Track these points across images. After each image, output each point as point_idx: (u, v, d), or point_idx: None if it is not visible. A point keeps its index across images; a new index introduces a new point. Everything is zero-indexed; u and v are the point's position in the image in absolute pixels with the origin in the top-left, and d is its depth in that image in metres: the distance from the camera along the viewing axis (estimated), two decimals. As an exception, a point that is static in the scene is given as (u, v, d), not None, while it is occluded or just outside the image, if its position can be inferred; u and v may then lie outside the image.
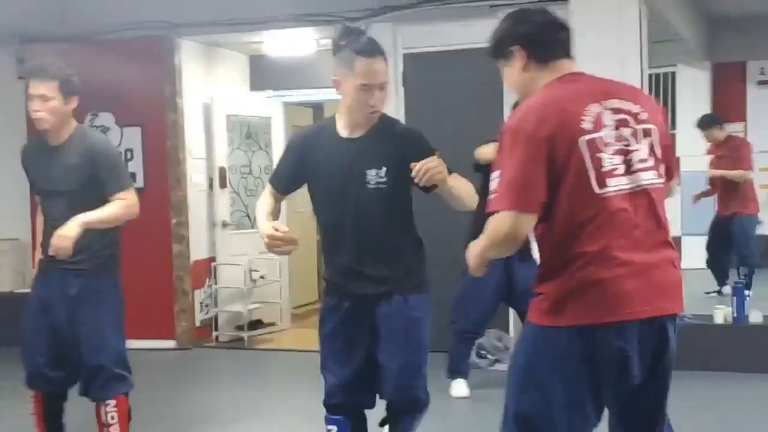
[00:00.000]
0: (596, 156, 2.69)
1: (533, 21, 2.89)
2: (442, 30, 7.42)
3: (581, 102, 2.74)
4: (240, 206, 8.58)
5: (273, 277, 8.61)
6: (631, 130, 2.76)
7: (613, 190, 2.69)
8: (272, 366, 7.65)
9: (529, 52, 2.86)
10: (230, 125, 8.48)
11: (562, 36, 2.89)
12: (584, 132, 2.69)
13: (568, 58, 2.88)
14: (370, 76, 3.51)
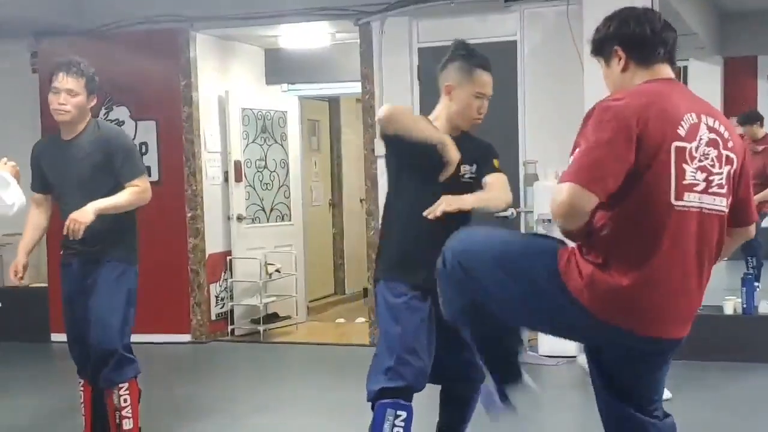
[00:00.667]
0: (681, 166, 2.63)
1: (637, 21, 2.81)
2: (458, 24, 7.42)
3: (681, 107, 2.68)
4: (255, 200, 8.62)
5: (289, 270, 8.64)
6: (717, 153, 2.70)
7: (688, 205, 2.64)
8: (288, 359, 7.68)
9: (629, 54, 2.81)
10: (245, 119, 8.51)
11: (665, 38, 2.81)
12: (678, 137, 2.63)
13: (668, 63, 2.82)
14: (485, 87, 3.86)
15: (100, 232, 4.26)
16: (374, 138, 7.63)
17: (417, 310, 3.72)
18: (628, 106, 2.62)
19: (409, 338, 3.69)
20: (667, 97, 2.70)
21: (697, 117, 2.68)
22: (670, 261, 2.64)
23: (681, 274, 2.67)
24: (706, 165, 2.66)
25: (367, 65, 7.64)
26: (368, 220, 7.77)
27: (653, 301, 2.65)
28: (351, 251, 10.46)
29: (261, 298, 8.26)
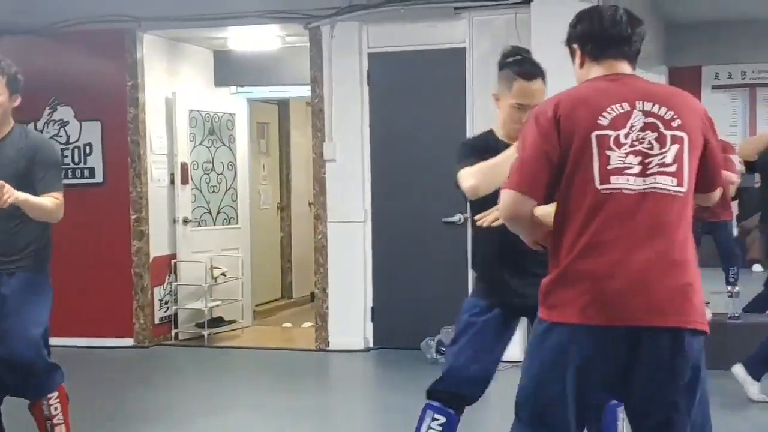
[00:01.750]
0: (605, 152, 2.72)
1: (592, 20, 2.93)
2: (408, 30, 7.46)
3: (608, 99, 2.78)
4: (202, 202, 8.54)
5: (235, 274, 8.58)
6: (657, 135, 2.75)
7: (615, 188, 2.71)
8: (233, 364, 7.62)
9: (583, 50, 2.94)
10: (193, 121, 8.43)
11: (620, 32, 2.90)
12: (598, 127, 2.74)
13: (624, 58, 2.90)
14: (525, 97, 3.71)
15: (22, 243, 4.17)
16: (323, 142, 7.62)
17: (472, 324, 3.84)
18: (547, 111, 2.78)
19: (456, 350, 3.86)
20: (595, 92, 2.81)
21: (630, 105, 2.76)
22: (608, 242, 2.69)
23: (625, 254, 2.68)
24: (641, 149, 2.73)
25: (316, 69, 7.62)
26: (316, 223, 7.75)
27: (602, 287, 2.67)
28: (299, 255, 10.42)
29: (206, 302, 8.18)
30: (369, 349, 7.62)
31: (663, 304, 2.67)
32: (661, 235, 2.70)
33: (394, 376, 6.96)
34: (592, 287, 2.67)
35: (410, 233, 7.56)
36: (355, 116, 7.55)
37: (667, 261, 2.69)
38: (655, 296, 2.66)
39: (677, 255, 2.71)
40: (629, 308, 2.65)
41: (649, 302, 2.66)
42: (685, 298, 2.70)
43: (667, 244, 2.70)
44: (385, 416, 5.90)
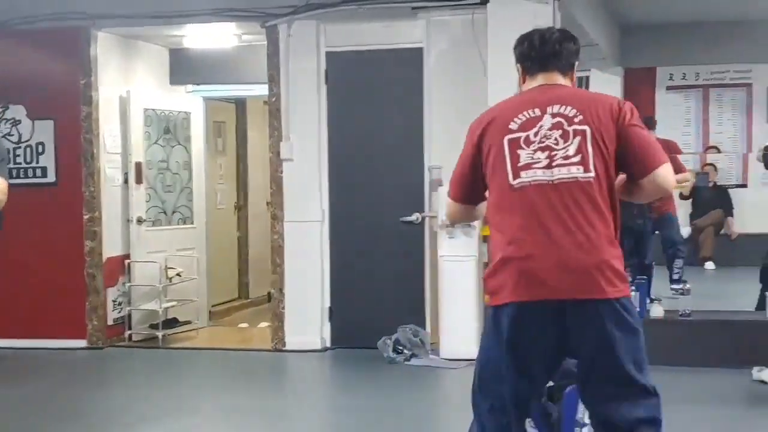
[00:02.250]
0: (516, 152, 3.13)
1: (526, 42, 3.30)
2: (365, 29, 7.45)
3: (521, 107, 3.19)
4: (157, 202, 8.46)
5: (190, 274, 8.51)
6: (561, 131, 3.12)
7: (526, 181, 3.09)
8: (187, 365, 7.55)
9: (522, 67, 3.33)
10: (148, 119, 8.34)
11: (547, 50, 3.26)
12: (509, 132, 3.15)
13: (556, 71, 3.27)
14: None
15: None
16: (280, 141, 7.58)
17: None
18: (473, 125, 3.27)
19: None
20: (512, 104, 3.27)
21: (541, 111, 3.15)
22: (527, 229, 3.06)
23: (543, 237, 3.04)
24: (548, 144, 3.11)
25: (273, 68, 7.58)
26: (273, 223, 7.71)
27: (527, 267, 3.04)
28: (256, 255, 10.36)
29: (161, 302, 8.09)
30: (326, 348, 7.60)
31: (580, 280, 3.01)
32: (574, 218, 3.04)
33: (351, 376, 6.95)
34: (518, 269, 3.05)
35: (368, 233, 7.55)
36: (312, 115, 7.52)
37: (580, 241, 3.02)
38: (573, 274, 3.01)
39: (590, 235, 3.03)
40: (551, 285, 3.01)
41: (568, 279, 3.01)
42: (599, 273, 3.02)
43: (580, 226, 3.04)
44: (342, 416, 5.89)
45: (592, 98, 3.21)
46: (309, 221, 7.56)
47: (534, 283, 3.02)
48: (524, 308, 3.04)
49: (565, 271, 3.00)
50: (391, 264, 7.49)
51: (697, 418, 5.34)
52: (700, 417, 5.37)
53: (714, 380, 6.23)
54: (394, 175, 7.49)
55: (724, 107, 11.68)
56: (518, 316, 3.05)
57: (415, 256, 7.40)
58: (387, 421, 5.50)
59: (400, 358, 7.04)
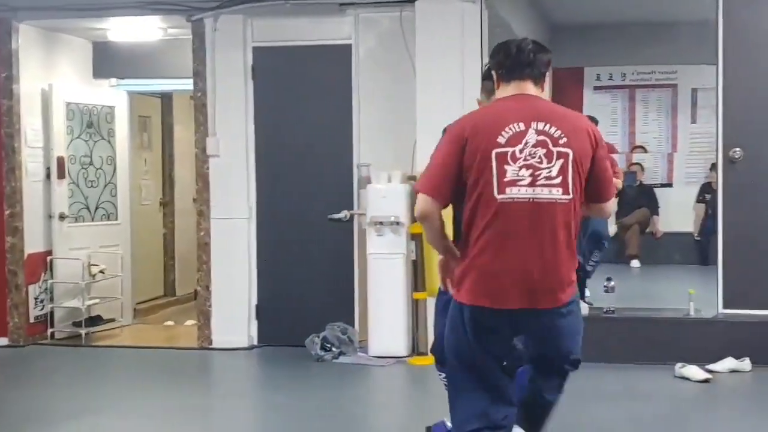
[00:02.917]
0: (503, 167, 3.28)
1: (503, 51, 3.53)
2: (293, 25, 7.41)
3: (507, 119, 3.34)
4: (80, 198, 8.30)
5: (114, 271, 8.37)
6: (546, 151, 3.30)
7: (510, 198, 3.27)
8: (111, 363, 7.45)
9: (497, 75, 3.54)
10: (70, 113, 8.18)
11: (523, 58, 3.47)
12: (497, 146, 3.29)
13: (529, 79, 3.47)
14: None
15: None
16: (206, 137, 7.49)
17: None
18: (459, 128, 3.38)
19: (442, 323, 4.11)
20: (497, 113, 3.40)
21: (525, 125, 3.31)
22: (502, 242, 3.27)
23: (515, 252, 3.27)
24: (533, 163, 3.29)
25: (199, 62, 7.49)
26: (199, 220, 7.62)
27: (492, 279, 3.29)
28: (182, 252, 10.23)
29: (83, 300, 7.96)
30: (253, 346, 7.54)
31: (538, 295, 3.29)
32: (545, 237, 3.27)
33: (278, 374, 6.90)
34: (484, 278, 3.29)
35: (295, 230, 7.51)
36: (239, 111, 7.45)
37: (546, 261, 3.28)
38: (534, 291, 3.29)
39: (556, 255, 3.30)
40: (511, 296, 3.28)
41: (528, 293, 3.28)
42: (556, 290, 3.33)
43: (548, 245, 3.28)
44: (270, 414, 5.86)
45: (571, 120, 3.42)
46: (236, 218, 7.49)
47: (495, 294, 3.30)
48: (484, 312, 3.32)
49: (525, 288, 3.28)
50: (320, 261, 7.46)
51: (620, 416, 5.42)
52: (624, 414, 5.45)
53: (638, 377, 6.32)
54: (323, 172, 7.45)
55: (650, 107, 11.85)
56: (477, 317, 3.34)
57: (344, 253, 7.37)
58: (315, 418, 5.48)
59: (328, 355, 7.01)
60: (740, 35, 6.79)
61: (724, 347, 6.53)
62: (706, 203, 10.40)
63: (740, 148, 6.78)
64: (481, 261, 3.30)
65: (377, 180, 7.02)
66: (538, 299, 3.31)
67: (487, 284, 3.30)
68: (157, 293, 10.21)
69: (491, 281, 3.29)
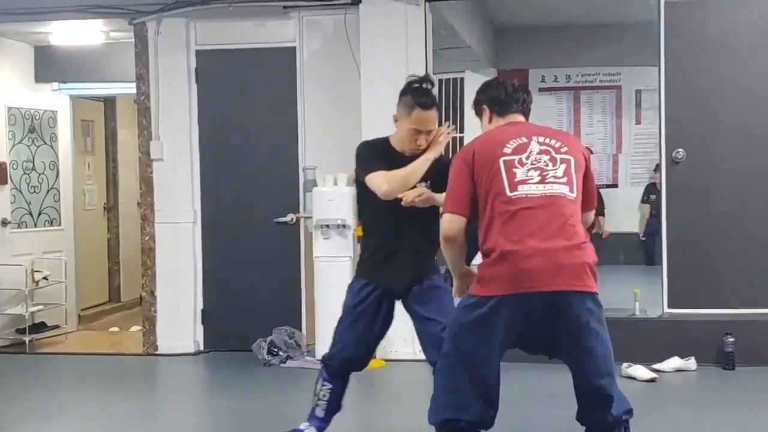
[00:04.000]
0: (512, 170, 3.60)
1: (499, 86, 3.93)
2: (237, 28, 7.38)
3: (510, 136, 3.70)
4: (22, 203, 8.20)
5: (58, 277, 8.28)
6: (550, 157, 3.64)
7: (523, 194, 3.55)
8: (56, 370, 7.35)
9: (491, 108, 3.92)
10: (12, 118, 8.09)
11: (518, 97, 3.90)
12: (504, 154, 3.63)
13: (519, 113, 3.90)
14: (421, 124, 4.39)
15: None
16: (149, 140, 7.43)
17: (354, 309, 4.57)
18: (465, 152, 3.71)
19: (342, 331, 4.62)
20: (500, 132, 3.77)
21: (527, 138, 3.67)
22: (523, 234, 3.49)
23: (539, 241, 3.47)
24: (540, 166, 3.61)
25: (142, 66, 7.43)
26: (143, 224, 7.55)
27: (520, 263, 3.47)
28: (127, 257, 10.13)
29: (27, 306, 7.87)
30: (200, 352, 7.49)
31: (568, 276, 3.48)
32: (562, 226, 3.53)
33: (225, 379, 6.86)
34: (514, 267, 3.46)
35: (241, 234, 7.47)
36: (182, 115, 7.41)
37: (568, 245, 3.50)
38: (563, 271, 3.47)
39: (575, 240, 3.53)
40: (542, 279, 3.46)
41: (559, 275, 3.47)
42: (582, 271, 3.52)
43: (567, 233, 3.52)
44: (217, 419, 5.81)
45: (566, 136, 3.89)
46: (180, 222, 7.45)
47: (528, 279, 3.46)
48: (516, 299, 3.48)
49: (556, 270, 3.46)
50: (266, 265, 7.43)
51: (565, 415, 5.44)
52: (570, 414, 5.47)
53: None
54: (268, 175, 7.43)
55: (595, 109, 11.95)
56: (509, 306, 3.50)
57: (290, 257, 7.36)
58: (262, 423, 5.46)
59: (275, 360, 6.99)
60: (682, 37, 6.89)
61: (669, 346, 6.61)
62: (651, 203, 10.50)
63: (683, 149, 6.88)
64: (507, 251, 3.48)
65: (323, 183, 7.01)
66: (568, 281, 3.48)
67: (517, 271, 3.47)
68: (102, 299, 10.11)
69: (522, 267, 3.46)
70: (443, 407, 3.66)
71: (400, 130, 4.44)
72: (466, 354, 3.59)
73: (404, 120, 4.39)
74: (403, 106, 4.40)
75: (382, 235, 4.52)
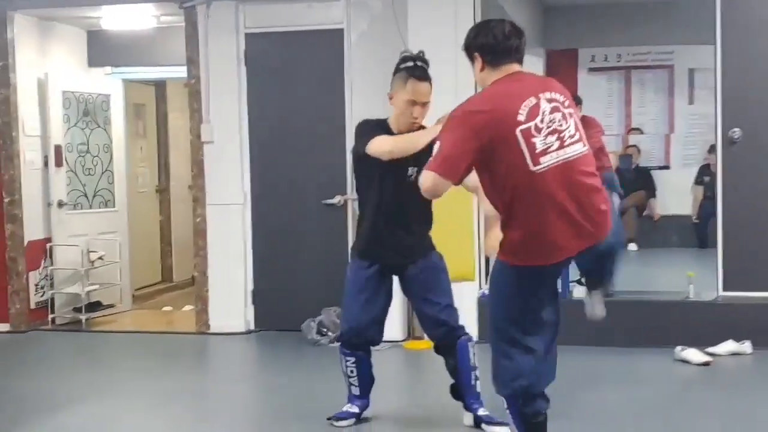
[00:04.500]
0: (531, 141, 3.47)
1: (490, 33, 3.69)
2: (285, 10, 7.42)
3: (519, 97, 3.53)
4: (77, 185, 8.35)
5: (112, 258, 8.43)
6: (561, 114, 3.56)
7: (545, 167, 3.48)
8: (111, 348, 7.50)
9: (484, 58, 3.69)
10: (66, 102, 8.23)
11: (511, 44, 3.68)
12: (519, 123, 3.48)
13: (515, 62, 3.69)
14: (416, 95, 4.52)
15: None
16: (200, 123, 7.53)
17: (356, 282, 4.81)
18: (471, 113, 3.53)
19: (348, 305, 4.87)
20: (506, 93, 3.56)
21: (535, 98, 3.52)
22: (545, 210, 3.49)
23: (557, 214, 3.48)
24: (555, 128, 3.53)
25: (192, 49, 7.51)
26: (195, 206, 7.66)
27: (544, 241, 3.52)
28: (179, 238, 10.28)
29: (83, 286, 8.04)
30: (250, 331, 7.59)
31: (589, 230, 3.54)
32: (582, 191, 3.53)
33: (275, 358, 6.96)
34: (542, 240, 3.52)
35: (290, 215, 7.55)
36: (232, 97, 7.48)
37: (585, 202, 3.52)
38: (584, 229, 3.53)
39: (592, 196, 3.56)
40: (566, 249, 3.56)
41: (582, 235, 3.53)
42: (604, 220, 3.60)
43: (587, 197, 3.54)
44: (267, 397, 5.91)
45: (561, 86, 3.71)
46: (231, 204, 7.53)
47: (554, 251, 3.56)
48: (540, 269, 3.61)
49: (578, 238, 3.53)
50: (315, 246, 7.49)
51: (621, 399, 5.44)
52: (625, 397, 5.46)
53: (637, 360, 6.33)
54: (316, 157, 7.48)
55: (647, 89, 11.83)
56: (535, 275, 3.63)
57: (338, 238, 7.40)
58: (311, 401, 5.52)
59: (324, 340, 7.06)
60: (739, 14, 6.77)
61: (724, 330, 6.51)
62: (705, 185, 10.39)
63: (739, 129, 6.77)
64: (533, 226, 3.51)
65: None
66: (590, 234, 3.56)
67: (541, 247, 3.54)
68: (155, 279, 10.27)
69: (544, 243, 3.52)
70: (513, 378, 3.69)
71: (396, 107, 4.58)
72: (514, 323, 3.66)
73: (400, 93, 4.54)
74: (398, 80, 4.56)
75: (378, 212, 4.65)
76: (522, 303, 3.66)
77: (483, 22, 3.81)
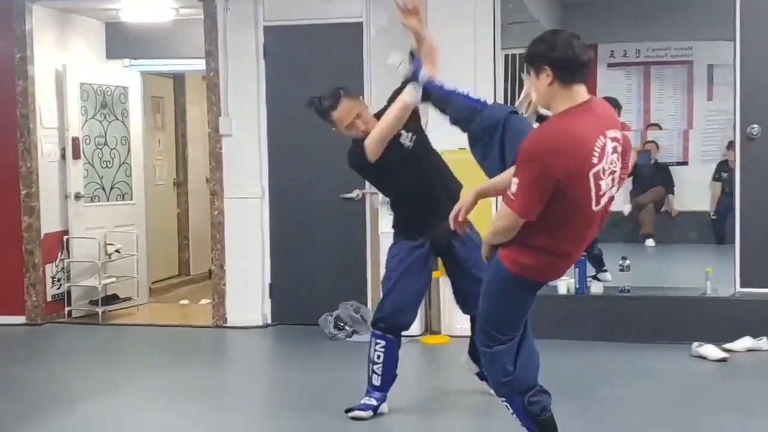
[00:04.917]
0: (598, 183, 3.48)
1: (564, 47, 3.47)
2: (303, 4, 7.40)
3: (593, 137, 3.45)
4: (95, 178, 8.36)
5: (129, 250, 8.43)
6: (617, 155, 3.55)
7: (602, 206, 3.56)
8: (127, 341, 7.51)
9: (556, 73, 3.47)
10: (84, 94, 8.24)
11: (584, 62, 3.50)
12: (592, 166, 3.44)
13: (582, 82, 3.51)
14: (342, 120, 4.94)
15: None
16: (219, 116, 7.51)
17: (398, 266, 4.89)
18: (545, 153, 3.40)
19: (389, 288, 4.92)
20: (583, 135, 3.43)
21: (604, 138, 3.45)
22: (583, 241, 3.68)
23: (585, 246, 3.75)
24: (613, 168, 3.53)
25: (211, 42, 7.50)
26: (213, 199, 7.65)
27: (566, 265, 3.80)
28: (197, 232, 10.27)
29: (100, 279, 8.04)
30: (267, 325, 7.58)
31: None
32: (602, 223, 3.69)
33: (292, 352, 6.95)
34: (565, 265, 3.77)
35: (308, 209, 7.53)
36: (251, 91, 7.47)
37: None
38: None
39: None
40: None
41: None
42: None
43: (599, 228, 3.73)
44: (284, 391, 5.89)
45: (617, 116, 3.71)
46: (249, 197, 7.52)
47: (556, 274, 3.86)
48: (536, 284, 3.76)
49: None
50: (332, 241, 7.48)
51: (637, 395, 5.41)
52: (641, 393, 5.44)
53: (654, 356, 6.30)
54: (334, 151, 7.41)
55: (665, 84, 11.73)
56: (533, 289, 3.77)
57: (356, 232, 7.39)
58: (328, 395, 5.51)
59: (341, 334, 7.05)
60: (758, 10, 6.71)
61: (741, 326, 6.49)
62: (723, 182, 10.32)
63: (758, 125, 6.72)
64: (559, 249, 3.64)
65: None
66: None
67: (554, 268, 3.72)
68: (172, 272, 10.27)
69: (563, 267, 3.75)
70: (532, 375, 3.86)
71: (348, 133, 4.98)
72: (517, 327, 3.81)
73: (337, 127, 4.98)
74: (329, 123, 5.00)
75: (415, 194, 4.86)
76: (517, 311, 3.77)
77: (552, 33, 3.59)
